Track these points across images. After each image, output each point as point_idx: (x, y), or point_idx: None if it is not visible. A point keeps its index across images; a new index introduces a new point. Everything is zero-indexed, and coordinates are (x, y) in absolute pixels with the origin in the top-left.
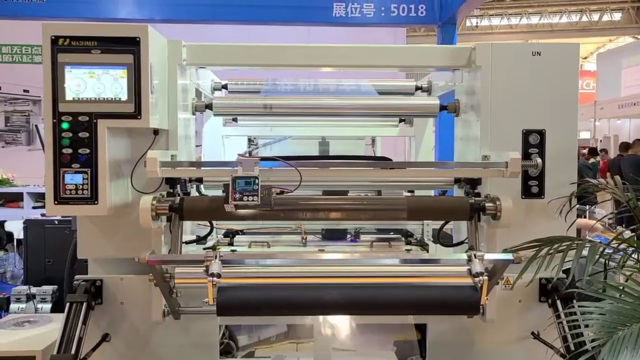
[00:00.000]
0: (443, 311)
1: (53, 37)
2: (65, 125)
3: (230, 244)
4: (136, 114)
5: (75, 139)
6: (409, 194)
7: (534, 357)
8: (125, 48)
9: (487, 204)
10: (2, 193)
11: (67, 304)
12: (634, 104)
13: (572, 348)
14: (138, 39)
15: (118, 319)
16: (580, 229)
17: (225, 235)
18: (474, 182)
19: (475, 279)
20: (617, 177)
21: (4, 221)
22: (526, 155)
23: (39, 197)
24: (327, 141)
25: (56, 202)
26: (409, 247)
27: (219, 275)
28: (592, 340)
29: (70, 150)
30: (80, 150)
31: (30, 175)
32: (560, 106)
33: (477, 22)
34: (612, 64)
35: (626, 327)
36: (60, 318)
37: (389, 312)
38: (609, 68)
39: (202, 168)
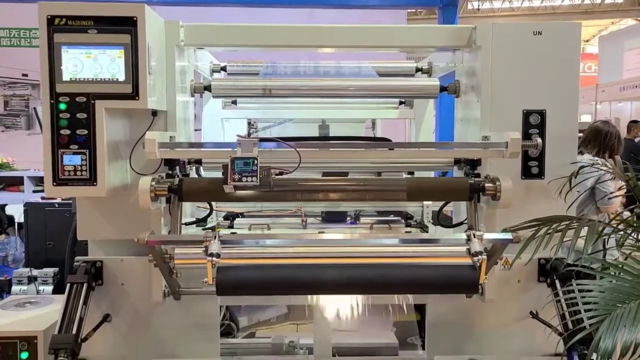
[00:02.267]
0: (442, 290)
1: (49, 17)
2: (62, 106)
3: (230, 226)
4: (134, 95)
5: (73, 120)
6: (408, 177)
7: (532, 336)
8: (122, 28)
9: (486, 185)
10: (2, 177)
11: (68, 285)
12: (636, 87)
13: (570, 326)
14: (135, 19)
15: (119, 299)
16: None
17: (225, 218)
18: (473, 163)
19: (474, 258)
20: (618, 157)
21: (5, 205)
22: (526, 136)
23: (39, 181)
24: (327, 124)
25: (55, 184)
26: (408, 229)
27: (218, 255)
28: (590, 318)
29: (68, 132)
30: (78, 131)
31: (30, 160)
32: (561, 86)
33: (478, 5)
34: (614, 47)
35: (625, 304)
36: (61, 299)
37: (389, 291)
38: (610, 51)
39: (201, 149)
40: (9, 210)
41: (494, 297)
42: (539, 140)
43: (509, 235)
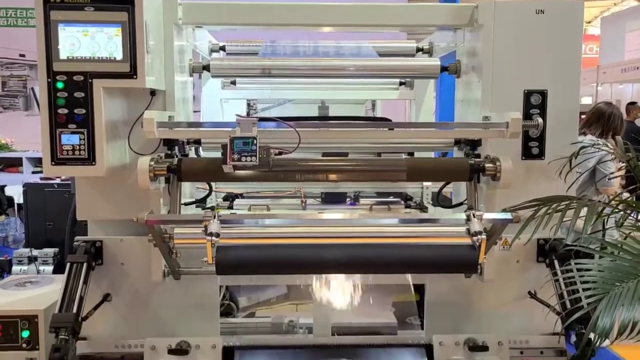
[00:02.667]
0: (441, 270)
1: None
2: (60, 85)
3: (230, 207)
4: (132, 74)
5: (71, 99)
6: (408, 157)
7: (531, 316)
8: (119, 5)
9: (486, 165)
10: (1, 158)
11: (68, 264)
12: (637, 68)
13: (568, 306)
14: None
15: (119, 279)
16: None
17: (225, 198)
18: (474, 144)
19: (474, 238)
20: (619, 138)
21: (4, 186)
22: (527, 116)
23: (38, 162)
24: (327, 105)
25: (53, 163)
26: (408, 210)
27: (217, 235)
28: (588, 297)
29: (66, 111)
30: (76, 111)
31: (29, 141)
32: (563, 66)
33: None
34: (615, 28)
35: (623, 283)
36: (61, 279)
37: (388, 271)
38: (612, 32)
39: (200, 129)
40: (8, 191)
41: (493, 277)
42: (540, 120)
43: (508, 215)
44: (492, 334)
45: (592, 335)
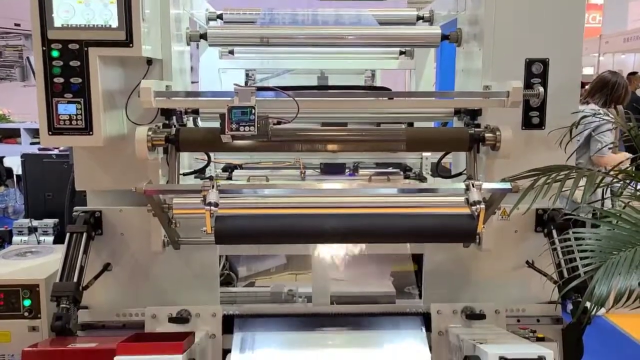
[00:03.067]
0: (440, 239)
1: None
2: (55, 54)
3: (229, 178)
4: (128, 42)
5: (67, 67)
6: (408, 127)
7: (528, 285)
8: None
9: (486, 135)
10: None
11: (68, 234)
12: None
13: (566, 275)
14: None
15: (118, 249)
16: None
17: (224, 169)
18: (474, 114)
19: (473, 207)
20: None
21: (3, 157)
22: (528, 85)
23: (36, 133)
24: (326, 75)
25: (50, 133)
26: (407, 180)
27: (216, 205)
28: (585, 266)
29: (61, 80)
30: (72, 80)
31: (27, 112)
32: (565, 34)
33: None
34: None
35: (621, 252)
36: (62, 249)
37: (386, 240)
38: (616, 0)
39: (198, 98)
40: (7, 163)
41: (491, 246)
42: (541, 89)
43: (507, 185)
44: (490, 302)
45: (588, 304)
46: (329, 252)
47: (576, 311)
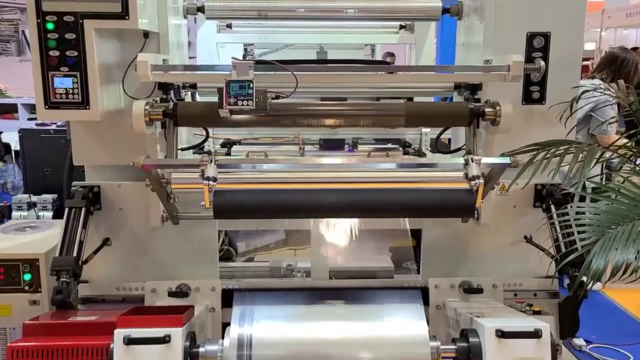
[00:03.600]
0: (438, 214)
1: None
2: (50, 26)
3: (228, 154)
4: (124, 14)
5: (62, 40)
6: (407, 102)
7: (526, 260)
8: None
9: (486, 109)
10: None
11: (66, 209)
12: None
13: (563, 249)
14: None
15: (117, 224)
16: None
17: (223, 145)
18: (474, 88)
19: (472, 182)
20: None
21: (0, 132)
22: (529, 60)
23: (34, 108)
24: (325, 50)
25: (47, 107)
26: (406, 156)
27: (214, 179)
28: (583, 240)
29: (57, 53)
30: (67, 53)
31: (24, 87)
32: (567, 7)
33: None
34: None
35: (619, 226)
36: (61, 224)
37: (385, 215)
38: None
39: (196, 72)
40: (4, 138)
41: (489, 221)
42: (542, 63)
43: (506, 160)
44: (487, 277)
45: (584, 279)
46: (328, 228)
47: (573, 285)
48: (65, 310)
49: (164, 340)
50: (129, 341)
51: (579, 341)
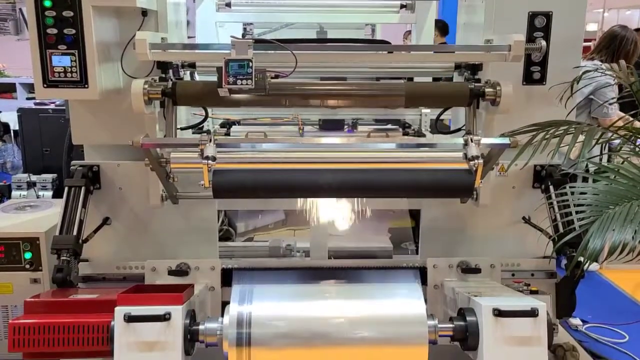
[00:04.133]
0: (437, 194)
1: None
2: (47, 3)
3: (227, 134)
4: None
5: (60, 18)
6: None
7: (524, 240)
8: None
9: (486, 89)
10: None
11: (66, 188)
12: None
13: (561, 230)
14: None
15: (117, 203)
16: None
17: (222, 125)
18: (474, 68)
19: (471, 162)
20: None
21: None
22: (530, 40)
23: (32, 88)
24: (325, 30)
25: (45, 85)
26: (406, 137)
27: (214, 159)
28: (581, 220)
29: (55, 31)
30: (65, 31)
31: (22, 66)
32: None
33: None
34: None
35: (617, 206)
36: (61, 203)
37: (384, 194)
38: None
39: (195, 51)
40: (3, 118)
41: (488, 202)
42: (544, 43)
43: (506, 140)
44: (485, 257)
45: (582, 259)
46: (327, 208)
47: (570, 265)
48: (66, 288)
49: (164, 317)
50: (130, 318)
51: (575, 321)
